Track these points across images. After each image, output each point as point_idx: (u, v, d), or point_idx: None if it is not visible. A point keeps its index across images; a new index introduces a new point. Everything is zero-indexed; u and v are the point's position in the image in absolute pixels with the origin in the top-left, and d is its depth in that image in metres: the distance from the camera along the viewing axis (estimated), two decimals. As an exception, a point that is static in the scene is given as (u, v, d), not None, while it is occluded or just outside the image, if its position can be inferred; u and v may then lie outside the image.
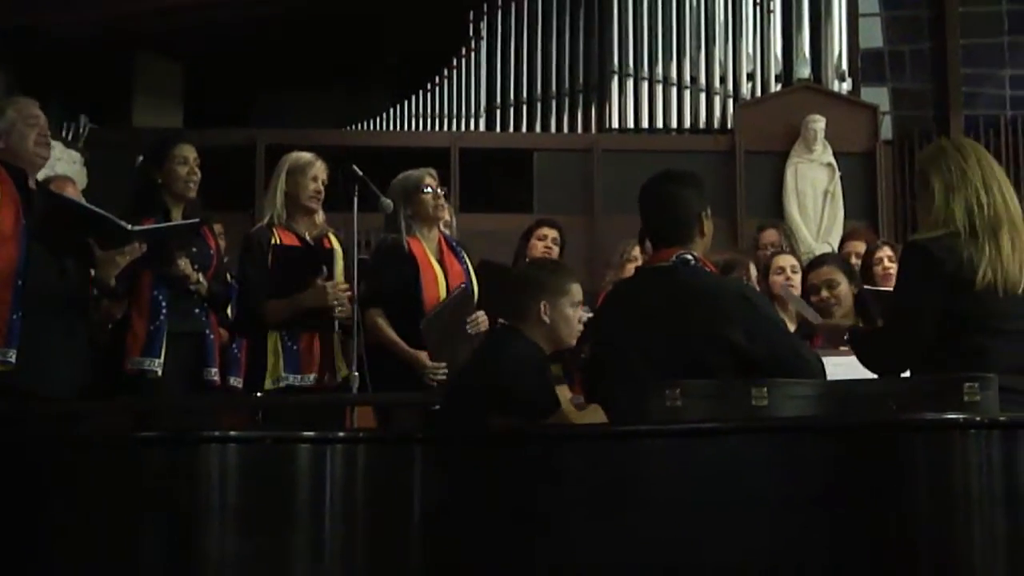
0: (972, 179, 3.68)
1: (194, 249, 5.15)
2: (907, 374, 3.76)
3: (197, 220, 5.16)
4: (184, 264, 5.04)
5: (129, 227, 4.81)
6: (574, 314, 4.29)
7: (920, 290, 3.67)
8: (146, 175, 5.28)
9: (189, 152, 5.25)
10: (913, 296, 3.71)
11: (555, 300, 4.24)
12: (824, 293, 5.51)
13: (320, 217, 5.47)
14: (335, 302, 5.15)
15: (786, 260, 6.18)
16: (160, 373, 4.99)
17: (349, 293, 5.18)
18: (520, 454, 3.38)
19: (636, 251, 6.49)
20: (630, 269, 6.35)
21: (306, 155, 5.41)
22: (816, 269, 5.72)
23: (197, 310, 5.16)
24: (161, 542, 3.37)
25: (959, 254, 3.60)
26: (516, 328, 4.26)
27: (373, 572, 3.34)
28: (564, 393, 4.58)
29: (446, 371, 5.11)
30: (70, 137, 9.06)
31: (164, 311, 5.04)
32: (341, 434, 3.63)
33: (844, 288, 5.52)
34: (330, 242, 5.42)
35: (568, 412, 4.14)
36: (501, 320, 4.32)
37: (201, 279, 5.12)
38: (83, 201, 4.98)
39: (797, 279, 6.04)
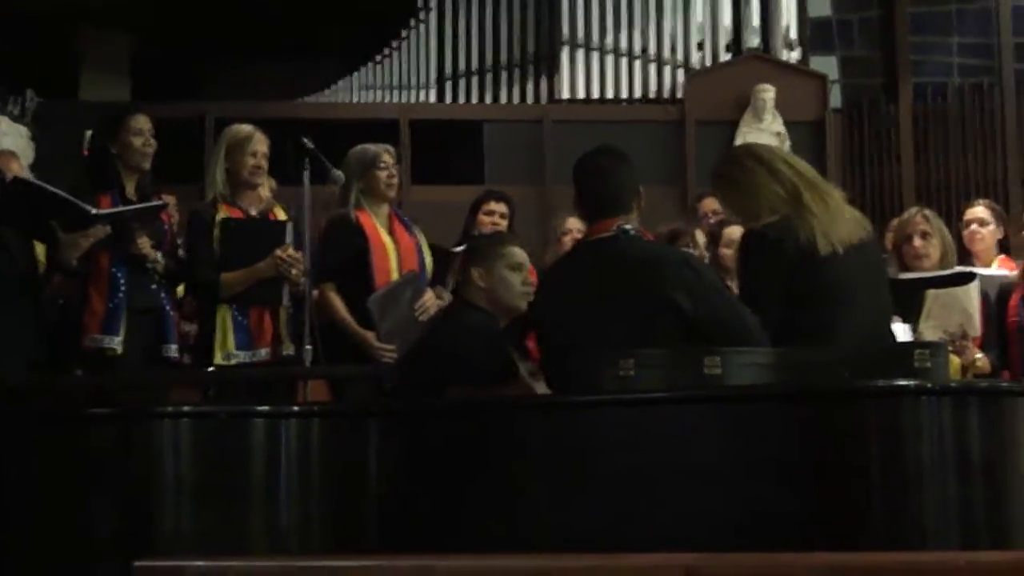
0: (762, 168, 3.85)
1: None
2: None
3: (163, 203, 5.13)
4: (144, 243, 5.00)
5: (93, 211, 4.77)
6: (514, 276, 4.31)
7: (763, 273, 3.77)
8: (100, 147, 5.22)
9: (144, 123, 5.19)
10: (756, 280, 3.80)
11: (488, 265, 4.27)
12: None
13: (265, 191, 5.42)
14: (288, 267, 5.09)
15: (738, 232, 6.10)
16: (120, 351, 4.94)
17: (300, 264, 5.13)
18: (474, 425, 3.40)
19: (571, 222, 6.22)
20: (566, 242, 6.14)
21: (244, 129, 5.32)
22: None
23: (154, 287, 5.11)
24: (116, 518, 3.36)
25: (795, 233, 3.70)
26: (466, 300, 4.30)
27: (329, 545, 3.34)
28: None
29: (394, 353, 5.06)
30: (16, 112, 8.95)
31: (123, 288, 4.99)
32: (296, 408, 3.63)
33: None
34: (276, 217, 5.37)
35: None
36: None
37: (159, 257, 5.08)
38: (44, 184, 4.92)
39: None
